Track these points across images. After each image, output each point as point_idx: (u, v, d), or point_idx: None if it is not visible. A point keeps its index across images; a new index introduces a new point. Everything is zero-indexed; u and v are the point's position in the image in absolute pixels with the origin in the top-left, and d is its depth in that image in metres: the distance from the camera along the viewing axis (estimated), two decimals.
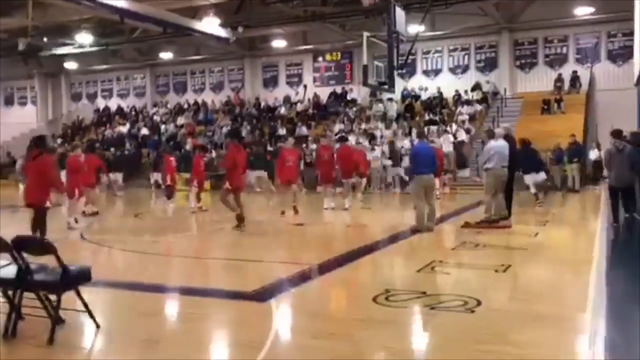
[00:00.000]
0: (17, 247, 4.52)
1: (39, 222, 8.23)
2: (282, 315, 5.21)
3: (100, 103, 35.93)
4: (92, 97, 36.68)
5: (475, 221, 10.41)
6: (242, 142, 13.50)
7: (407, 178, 18.48)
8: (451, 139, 20.43)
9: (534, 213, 12.74)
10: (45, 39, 26.62)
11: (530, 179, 13.62)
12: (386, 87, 12.23)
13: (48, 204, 8.31)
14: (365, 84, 11.99)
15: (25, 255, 4.57)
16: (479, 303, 5.28)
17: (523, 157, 12.23)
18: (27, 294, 4.56)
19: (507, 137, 10.81)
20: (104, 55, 32.32)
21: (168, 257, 8.30)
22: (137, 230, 11.77)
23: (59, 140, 31.14)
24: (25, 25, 24.60)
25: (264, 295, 5.73)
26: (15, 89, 38.66)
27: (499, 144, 10.34)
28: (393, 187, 20.34)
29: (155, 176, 24.91)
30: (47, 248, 4.50)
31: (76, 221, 11.66)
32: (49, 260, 4.55)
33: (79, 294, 4.62)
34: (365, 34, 11.82)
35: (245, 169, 14.92)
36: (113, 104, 35.28)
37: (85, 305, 4.65)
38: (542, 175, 14.10)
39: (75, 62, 33.20)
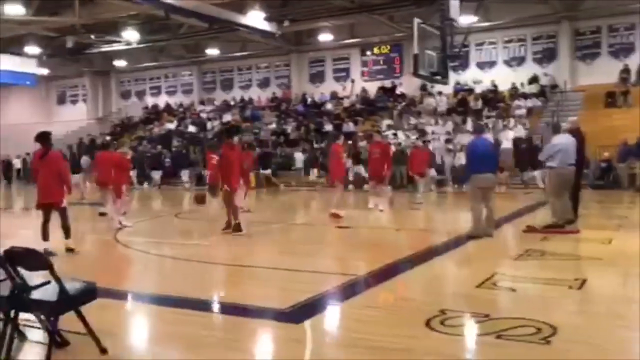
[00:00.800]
0: (10, 260, 3.90)
1: (64, 222, 7.91)
2: (315, 342, 4.42)
3: (149, 100, 36.05)
4: (140, 95, 36.85)
5: (538, 225, 9.38)
6: (242, 140, 13.10)
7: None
8: (511, 135, 19.19)
9: (602, 216, 11.58)
10: (92, 37, 26.62)
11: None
12: (439, 77, 11.28)
13: (65, 202, 7.88)
14: (416, 74, 11.07)
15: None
16: (554, 331, 4.37)
17: None
18: None
19: (573, 132, 9.70)
20: (151, 52, 32.37)
21: (200, 263, 7.60)
22: (174, 233, 11.17)
23: (107, 138, 31.29)
24: (73, 23, 24.65)
25: (298, 314, 4.98)
26: (68, 87, 39.30)
27: (564, 140, 9.26)
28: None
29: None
30: (41, 262, 3.85)
31: (120, 222, 11.20)
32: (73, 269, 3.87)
33: (80, 315, 3.97)
34: (416, 20, 10.88)
35: (243, 169, 14.42)
36: (161, 101, 35.34)
37: (88, 328, 4.00)
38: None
39: (124, 60, 33.35)
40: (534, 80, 24.92)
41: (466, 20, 18.85)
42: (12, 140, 34.37)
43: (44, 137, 7.94)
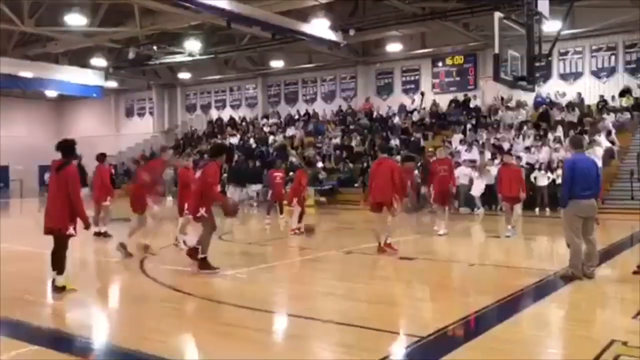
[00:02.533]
0: None
1: (57, 254, 6.53)
2: None
3: (213, 114, 35.65)
4: (205, 108, 36.54)
5: None
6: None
7: None
8: (600, 152, 16.98)
9: None
10: (155, 48, 26.28)
11: None
12: (524, 83, 9.56)
13: (71, 230, 6.51)
14: (497, 78, 9.36)
15: None
16: None
17: None
18: None
19: None
20: (216, 65, 31.93)
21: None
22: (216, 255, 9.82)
23: (171, 151, 30.94)
24: (136, 34, 24.36)
25: None
26: (136, 100, 39.59)
27: None
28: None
29: (254, 188, 23.70)
30: None
31: (184, 242, 10.09)
32: None
33: None
34: (497, 14, 9.21)
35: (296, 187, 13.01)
36: (225, 114, 34.83)
37: None
38: None
39: (189, 73, 33.09)
40: (625, 92, 22.42)
41: (551, 26, 16.94)
42: (83, 152, 34.79)
43: (65, 146, 6.71)
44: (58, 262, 6.50)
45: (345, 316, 5.68)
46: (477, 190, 18.31)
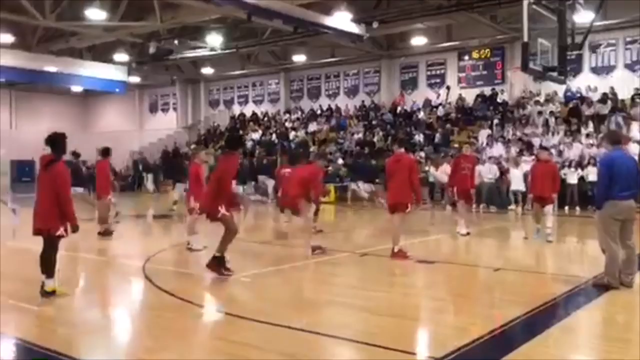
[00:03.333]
0: None
1: (46, 256, 6.10)
2: None
3: (236, 109, 35.39)
4: (228, 104, 36.27)
5: None
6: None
7: None
8: (636, 149, 16.11)
9: None
10: (175, 42, 26.05)
11: None
12: (554, 74, 8.92)
13: (61, 230, 6.10)
14: (525, 69, 8.75)
15: None
16: None
17: None
18: None
19: None
20: (238, 60, 31.62)
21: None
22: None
23: (193, 146, 30.77)
24: (156, 28, 24.14)
25: None
26: (159, 95, 39.54)
27: None
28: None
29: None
30: None
31: (188, 244, 9.73)
32: None
33: None
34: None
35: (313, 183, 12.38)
36: (248, 110, 34.53)
37: None
38: None
39: (211, 68, 32.85)
40: None
41: (583, 18, 16.17)
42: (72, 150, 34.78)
43: (55, 141, 6.25)
44: (47, 264, 6.12)
45: (352, 331, 5.18)
46: (517, 184, 17.66)
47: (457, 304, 6.32)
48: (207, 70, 33.29)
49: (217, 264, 7.24)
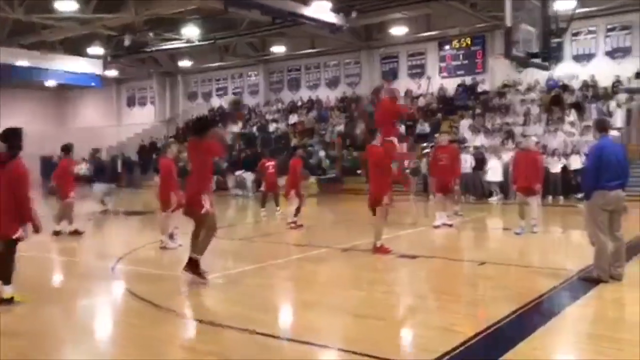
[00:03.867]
0: None
1: (2, 261, 5.66)
2: None
3: (215, 102, 34.84)
4: (207, 96, 35.73)
5: None
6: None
7: None
8: (616, 135, 15.99)
9: None
10: (151, 34, 25.45)
11: None
12: (538, 60, 8.66)
13: (20, 233, 5.66)
14: (508, 55, 8.47)
15: None
16: None
17: None
18: None
19: None
20: (217, 52, 31.08)
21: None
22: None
23: (171, 140, 30.23)
24: (131, 20, 23.54)
25: None
26: (137, 89, 38.84)
27: None
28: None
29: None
30: None
31: (171, 236, 9.35)
32: None
33: None
34: None
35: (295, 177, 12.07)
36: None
37: None
38: None
39: (189, 60, 32.26)
40: None
41: (565, 5, 16.00)
42: (83, 143, 34.19)
43: (8, 137, 5.75)
44: (3, 270, 5.70)
45: (332, 336, 4.87)
46: (495, 175, 17.47)
47: (441, 302, 6.01)
48: (184, 63, 32.71)
49: (196, 266, 6.75)
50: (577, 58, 23.30)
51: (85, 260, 9.25)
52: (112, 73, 32.49)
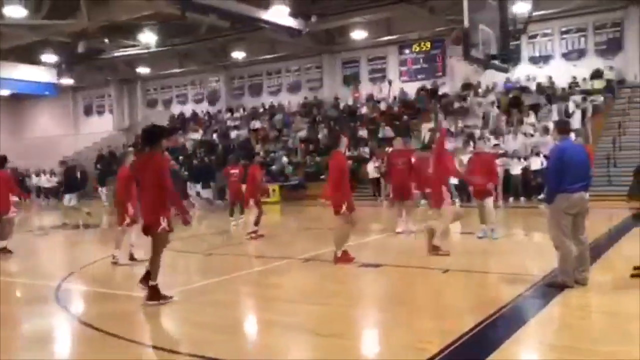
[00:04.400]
0: None
1: None
2: None
3: (175, 109, 34.25)
4: (167, 103, 35.12)
5: None
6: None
7: None
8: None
9: None
10: (106, 41, 24.80)
11: None
12: (497, 62, 8.59)
13: None
14: (467, 57, 8.37)
15: None
16: None
17: None
18: None
19: None
20: (176, 58, 30.58)
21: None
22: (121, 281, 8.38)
23: (130, 149, 29.51)
24: (84, 26, 22.85)
25: None
26: (94, 97, 37.93)
27: None
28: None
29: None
30: None
31: (130, 257, 8.93)
32: None
33: None
34: None
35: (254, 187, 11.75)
36: (188, 109, 33.46)
37: None
38: None
39: (147, 67, 31.62)
40: (597, 74, 21.78)
41: (521, 8, 16.19)
42: (39, 153, 33.15)
43: None
44: None
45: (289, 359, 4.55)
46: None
47: (405, 316, 5.73)
48: (143, 70, 32.08)
49: (156, 292, 6.33)
50: (534, 60, 23.64)
51: (25, 280, 8.67)
52: (68, 81, 31.57)
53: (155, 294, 6.31)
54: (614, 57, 22.24)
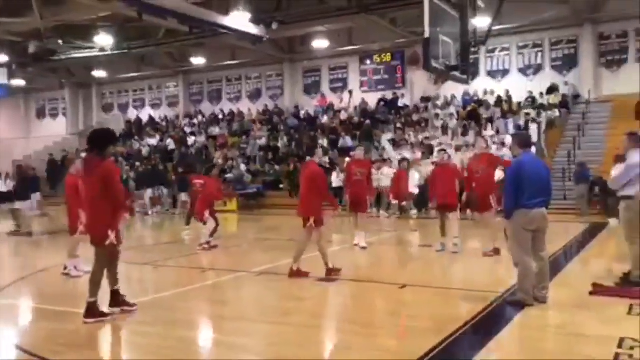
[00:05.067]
0: None
1: None
2: None
3: (132, 114, 33.45)
4: (123, 108, 34.29)
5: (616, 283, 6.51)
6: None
7: None
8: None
9: None
10: (60, 42, 23.98)
11: None
12: (457, 73, 8.49)
13: None
14: (427, 67, 8.24)
15: None
16: None
17: None
18: None
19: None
20: (133, 62, 29.85)
21: None
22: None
23: (71, 155, 28.56)
24: (36, 26, 22.05)
25: None
26: (47, 100, 36.75)
27: None
28: None
29: (184, 197, 22.01)
30: None
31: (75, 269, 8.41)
32: None
33: None
34: None
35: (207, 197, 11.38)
36: (145, 114, 32.73)
37: None
38: None
39: (104, 71, 30.77)
40: (552, 89, 22.19)
41: (480, 22, 16.29)
42: None
43: None
44: None
45: None
46: (413, 189, 17.37)
47: (360, 337, 5.39)
48: (99, 73, 31.20)
49: (95, 309, 5.92)
50: (492, 74, 23.97)
51: None
52: (19, 82, 30.47)
53: (93, 311, 5.90)
54: (569, 72, 22.72)
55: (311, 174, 7.98)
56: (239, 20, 20.34)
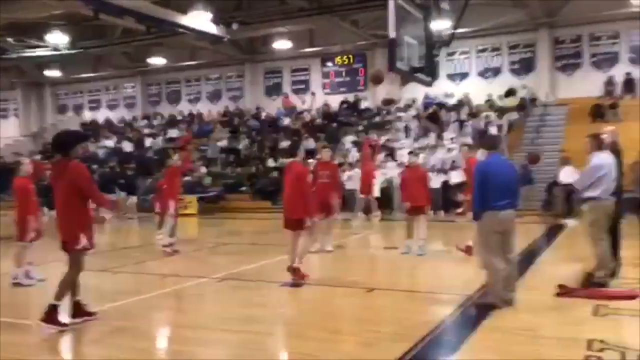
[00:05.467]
0: None
1: None
2: None
3: (87, 115, 32.57)
4: (78, 109, 33.36)
5: (580, 283, 6.53)
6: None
7: None
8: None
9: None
10: (10, 40, 23.13)
11: None
12: (422, 75, 8.45)
13: None
14: (392, 68, 8.15)
15: None
16: None
17: None
18: None
19: (614, 147, 6.97)
20: (89, 62, 29.07)
21: None
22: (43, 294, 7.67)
23: (38, 157, 27.64)
24: None
25: None
26: None
27: (607, 160, 6.49)
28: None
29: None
30: None
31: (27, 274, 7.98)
32: None
33: None
34: None
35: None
36: (101, 116, 31.92)
37: None
38: None
39: (58, 70, 29.86)
40: (510, 92, 22.53)
41: (441, 25, 16.35)
42: None
43: None
44: None
45: None
46: (376, 191, 17.36)
47: (326, 345, 5.19)
48: (53, 73, 30.30)
49: (54, 313, 5.63)
50: (452, 77, 24.20)
51: None
52: None
53: (53, 318, 5.60)
54: (527, 76, 23.13)
55: (297, 174, 7.81)
56: (198, 19, 20.04)
